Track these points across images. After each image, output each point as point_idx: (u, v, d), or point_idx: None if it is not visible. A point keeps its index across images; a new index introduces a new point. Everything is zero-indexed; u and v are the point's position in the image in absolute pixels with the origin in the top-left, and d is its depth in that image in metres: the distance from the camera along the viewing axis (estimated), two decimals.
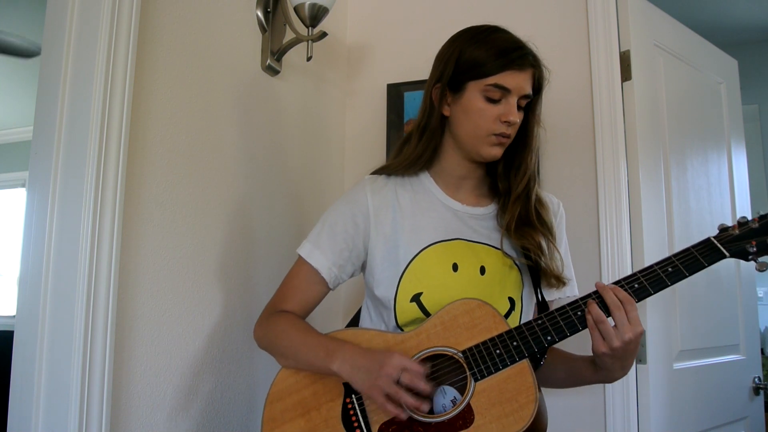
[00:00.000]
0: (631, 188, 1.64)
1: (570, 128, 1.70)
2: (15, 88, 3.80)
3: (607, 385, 1.55)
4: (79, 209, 1.00)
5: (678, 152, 1.81)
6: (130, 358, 1.09)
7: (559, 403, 1.57)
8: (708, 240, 0.97)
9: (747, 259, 0.96)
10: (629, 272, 1.57)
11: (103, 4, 1.04)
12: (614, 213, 1.61)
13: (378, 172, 1.20)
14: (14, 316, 1.05)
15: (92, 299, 0.99)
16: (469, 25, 1.13)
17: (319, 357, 1.01)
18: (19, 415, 0.99)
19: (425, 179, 1.17)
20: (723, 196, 1.95)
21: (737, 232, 0.96)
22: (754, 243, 0.94)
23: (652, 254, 1.61)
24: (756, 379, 1.93)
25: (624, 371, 1.01)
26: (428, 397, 0.96)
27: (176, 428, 1.18)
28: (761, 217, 0.96)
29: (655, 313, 1.62)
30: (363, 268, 1.17)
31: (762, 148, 3.27)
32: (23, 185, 4.38)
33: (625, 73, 1.67)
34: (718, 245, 0.96)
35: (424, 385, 0.93)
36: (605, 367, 0.99)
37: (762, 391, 1.93)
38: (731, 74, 2.10)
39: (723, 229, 0.98)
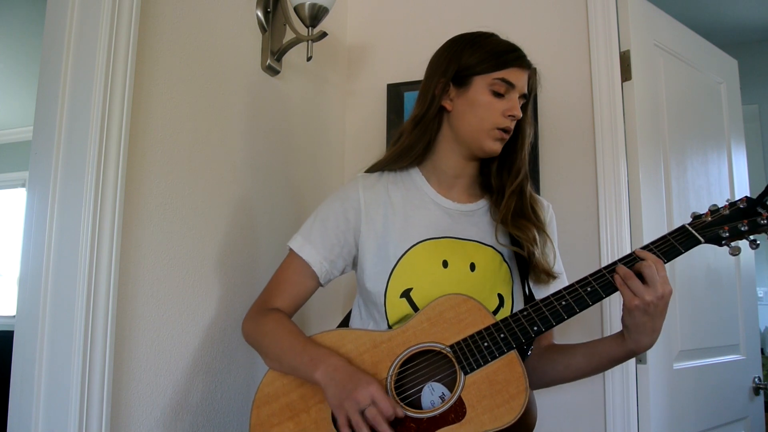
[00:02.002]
0: (631, 188, 1.64)
1: (570, 128, 1.70)
2: (15, 88, 3.80)
3: (607, 384, 1.54)
4: (79, 209, 1.00)
5: (678, 152, 1.81)
6: (130, 358, 1.09)
7: (560, 403, 1.57)
8: (683, 227, 1.00)
9: (720, 244, 0.98)
10: None
11: (103, 4, 1.04)
12: (614, 213, 1.61)
13: (371, 169, 1.21)
14: (14, 316, 1.05)
15: (92, 299, 0.99)
16: (469, 25, 1.16)
17: (303, 363, 1.01)
18: (19, 415, 0.99)
19: (417, 177, 1.18)
20: (723, 196, 1.94)
21: (710, 218, 0.99)
22: (726, 228, 0.97)
23: None
24: (756, 379, 1.94)
25: (653, 336, 0.98)
26: None
27: (176, 428, 1.18)
28: (731, 204, 0.99)
29: None
30: (354, 264, 1.18)
31: (762, 148, 3.27)
32: (23, 185, 4.38)
33: (625, 73, 1.67)
34: (693, 232, 0.98)
35: (386, 429, 0.90)
36: (635, 327, 0.97)
37: (762, 391, 1.93)
38: (731, 74, 2.11)
39: (696, 217, 1.01)
